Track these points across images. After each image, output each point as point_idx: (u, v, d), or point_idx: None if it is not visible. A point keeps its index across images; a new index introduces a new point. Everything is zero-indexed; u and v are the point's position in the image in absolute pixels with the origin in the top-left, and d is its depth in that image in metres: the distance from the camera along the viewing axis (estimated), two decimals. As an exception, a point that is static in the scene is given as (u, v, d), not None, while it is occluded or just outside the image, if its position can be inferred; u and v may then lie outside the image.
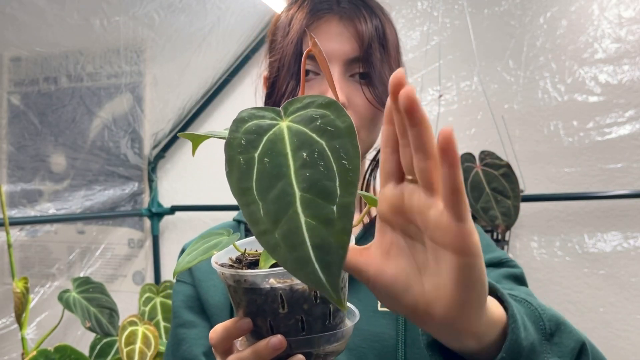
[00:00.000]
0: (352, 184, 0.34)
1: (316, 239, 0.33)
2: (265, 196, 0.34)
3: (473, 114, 1.66)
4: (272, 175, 0.35)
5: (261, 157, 0.36)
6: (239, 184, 0.35)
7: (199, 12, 1.65)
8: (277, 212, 0.34)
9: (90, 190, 1.76)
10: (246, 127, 0.37)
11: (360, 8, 0.72)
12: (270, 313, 0.43)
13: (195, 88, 1.88)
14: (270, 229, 0.33)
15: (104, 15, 1.50)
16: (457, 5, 1.68)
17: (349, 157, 0.35)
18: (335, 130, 0.36)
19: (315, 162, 0.35)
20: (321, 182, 0.34)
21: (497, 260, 0.70)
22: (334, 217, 0.33)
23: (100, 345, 1.35)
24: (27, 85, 1.68)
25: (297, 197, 0.34)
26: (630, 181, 1.51)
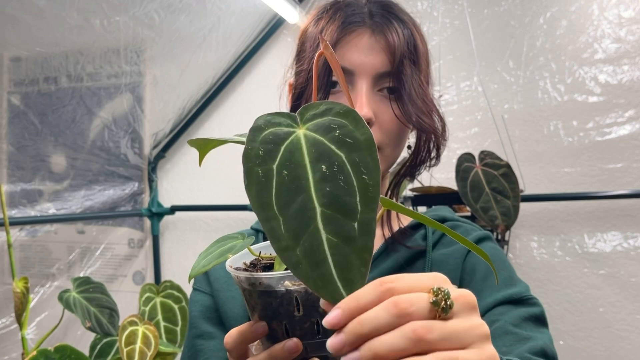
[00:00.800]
0: (373, 200, 0.34)
1: (338, 257, 0.33)
2: (286, 211, 0.34)
3: (473, 114, 1.66)
4: (292, 189, 0.34)
5: (279, 169, 0.35)
6: (259, 198, 0.35)
7: (199, 12, 1.65)
8: (298, 228, 0.33)
9: (90, 190, 1.76)
10: (263, 137, 0.37)
11: (393, 22, 0.70)
12: (286, 316, 0.43)
13: (195, 88, 1.88)
14: (291, 245, 0.33)
15: (104, 15, 1.50)
16: (457, 5, 1.68)
17: (369, 171, 0.35)
18: (354, 142, 0.36)
19: (335, 176, 0.35)
20: (342, 198, 0.34)
21: (518, 297, 0.68)
22: (355, 234, 0.33)
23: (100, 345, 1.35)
24: (27, 85, 1.68)
25: (317, 212, 0.34)
26: (630, 181, 1.51)
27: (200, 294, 0.77)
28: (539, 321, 0.67)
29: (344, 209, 0.34)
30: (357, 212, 0.34)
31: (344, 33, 0.70)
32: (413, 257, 0.72)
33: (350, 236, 0.33)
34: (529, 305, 0.68)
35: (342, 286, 0.32)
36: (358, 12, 0.71)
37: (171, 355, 1.36)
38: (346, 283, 0.32)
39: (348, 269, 0.33)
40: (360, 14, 0.71)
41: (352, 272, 0.33)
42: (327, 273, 0.33)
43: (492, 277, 0.69)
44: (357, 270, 0.33)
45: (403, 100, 0.68)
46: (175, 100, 1.86)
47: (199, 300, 0.76)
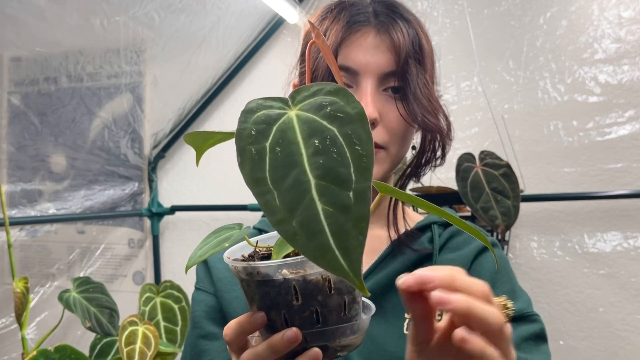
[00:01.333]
0: (367, 170, 0.34)
1: (334, 226, 0.33)
2: (280, 185, 0.34)
3: (473, 114, 1.66)
4: (285, 164, 0.35)
5: (272, 147, 0.36)
6: (252, 174, 0.35)
7: (199, 12, 1.65)
8: (292, 201, 0.34)
9: (90, 190, 1.76)
10: (255, 118, 0.37)
11: (398, 21, 0.70)
12: (284, 305, 0.43)
13: (195, 88, 1.88)
14: (287, 217, 0.33)
15: (104, 15, 1.50)
16: (457, 5, 1.68)
17: (362, 142, 0.35)
18: (346, 116, 0.36)
19: (328, 148, 0.35)
20: (335, 169, 0.34)
21: (519, 314, 0.68)
22: (350, 203, 0.33)
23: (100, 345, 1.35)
24: (27, 85, 1.68)
25: (312, 184, 0.34)
26: (630, 181, 1.51)
27: (203, 294, 0.76)
28: (539, 339, 0.67)
29: (339, 179, 0.34)
30: (351, 182, 0.34)
31: (349, 32, 0.70)
32: (420, 260, 0.72)
33: (346, 205, 0.33)
34: (530, 322, 0.68)
35: (340, 255, 0.32)
36: (363, 12, 0.71)
37: (171, 355, 1.36)
38: (344, 252, 0.32)
39: (345, 237, 0.33)
40: (365, 13, 0.71)
41: (350, 241, 0.33)
42: (325, 243, 0.33)
43: (496, 289, 0.69)
44: (354, 238, 0.33)
45: (408, 100, 0.68)
46: (175, 100, 1.86)
47: (202, 300, 0.75)
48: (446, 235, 0.75)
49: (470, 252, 0.72)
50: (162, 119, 1.87)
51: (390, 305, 0.69)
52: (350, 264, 0.32)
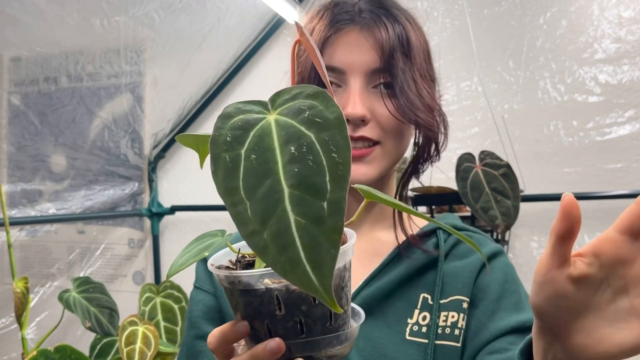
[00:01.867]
0: (342, 179, 0.33)
1: (306, 239, 0.31)
2: (253, 195, 0.33)
3: (473, 114, 1.66)
4: (259, 173, 0.34)
5: (248, 154, 0.34)
6: (225, 184, 0.34)
7: (199, 12, 1.65)
8: (265, 211, 0.32)
9: (90, 190, 1.76)
10: (232, 123, 0.36)
11: (382, 17, 0.69)
12: (267, 315, 0.41)
13: (195, 88, 1.88)
14: (258, 229, 0.32)
15: (104, 15, 1.50)
16: (457, 5, 1.68)
17: (339, 149, 0.34)
18: (323, 121, 0.35)
19: (304, 156, 0.34)
20: (310, 178, 0.33)
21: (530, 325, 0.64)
22: (324, 214, 0.32)
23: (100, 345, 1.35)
24: (27, 85, 1.68)
25: (285, 194, 0.33)
26: (630, 181, 1.51)
27: (202, 293, 0.75)
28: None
29: (313, 189, 0.33)
30: (326, 192, 0.32)
31: (332, 31, 0.69)
32: (424, 266, 0.71)
33: (320, 216, 0.32)
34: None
35: (310, 269, 0.31)
36: (347, 10, 0.71)
37: (171, 355, 1.36)
38: (315, 265, 0.31)
39: (317, 251, 0.31)
40: (349, 12, 0.71)
41: (321, 254, 0.31)
42: (295, 256, 0.31)
43: (505, 300, 0.68)
44: (326, 252, 0.31)
45: (396, 96, 0.67)
46: (175, 100, 1.86)
47: (201, 299, 0.75)
48: (451, 241, 0.74)
49: (478, 261, 0.71)
50: (162, 119, 1.87)
51: (393, 310, 0.68)
52: (321, 279, 0.31)
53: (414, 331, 0.67)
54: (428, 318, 0.67)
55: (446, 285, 0.69)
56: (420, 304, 0.69)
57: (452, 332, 0.67)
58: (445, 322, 0.67)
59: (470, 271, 0.70)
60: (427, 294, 0.69)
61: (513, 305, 0.68)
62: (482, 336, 0.66)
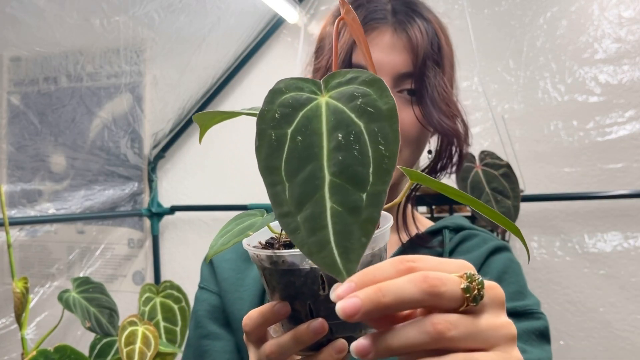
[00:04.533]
0: (387, 172, 0.32)
1: (339, 225, 0.31)
2: (293, 178, 0.33)
3: (473, 114, 1.66)
4: (303, 156, 0.33)
5: (294, 135, 0.34)
6: (267, 162, 0.33)
7: (199, 12, 1.65)
8: (302, 195, 0.32)
9: (90, 190, 1.76)
10: (282, 100, 0.35)
11: (417, 19, 0.68)
12: (310, 295, 0.41)
13: (195, 88, 1.88)
14: (293, 211, 0.32)
15: (104, 15, 1.50)
16: (457, 5, 1.68)
17: (387, 142, 0.33)
18: (375, 111, 0.34)
19: (350, 145, 0.33)
20: (353, 168, 0.32)
21: (522, 310, 0.66)
22: (361, 205, 0.31)
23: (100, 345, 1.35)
24: (27, 85, 1.68)
25: (326, 181, 0.32)
26: (630, 181, 1.51)
27: (207, 293, 0.75)
28: (541, 336, 0.65)
29: (354, 179, 0.32)
30: (367, 183, 0.32)
31: (365, 30, 0.67)
32: None
33: (357, 207, 0.31)
34: (533, 319, 0.66)
35: (337, 253, 0.30)
36: (380, 9, 0.69)
37: (171, 355, 1.36)
38: (343, 250, 0.30)
39: (347, 237, 0.31)
40: (383, 10, 0.69)
41: (351, 241, 0.31)
42: (325, 239, 0.31)
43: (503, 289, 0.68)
44: (357, 239, 0.31)
45: (425, 103, 0.66)
46: (175, 100, 1.86)
47: (205, 299, 0.75)
48: (457, 239, 0.73)
49: (481, 255, 0.71)
50: (162, 119, 1.87)
51: None
52: (346, 264, 0.30)
53: None
54: None
55: None
56: None
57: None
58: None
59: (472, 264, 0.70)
60: None
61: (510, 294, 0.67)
62: None
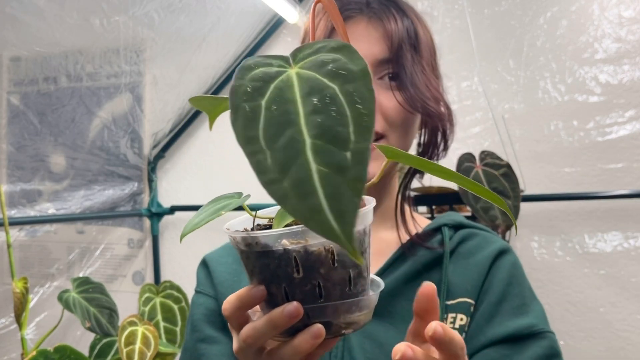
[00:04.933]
0: (367, 129, 0.32)
1: (329, 188, 0.31)
2: (273, 144, 0.32)
3: (473, 114, 1.66)
4: (280, 123, 0.33)
5: (268, 105, 0.34)
6: (245, 132, 0.33)
7: (199, 12, 1.65)
8: (285, 160, 0.32)
9: (89, 190, 1.75)
10: (252, 75, 0.35)
11: (391, 9, 0.69)
12: (285, 278, 0.40)
13: (195, 88, 1.88)
14: (278, 177, 0.31)
15: (104, 15, 1.50)
16: (457, 5, 1.68)
17: (364, 100, 0.33)
18: (348, 73, 0.34)
19: (327, 107, 0.33)
20: (334, 128, 0.32)
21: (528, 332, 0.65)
22: (347, 164, 0.31)
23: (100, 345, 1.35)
24: (27, 85, 1.67)
25: (307, 144, 0.32)
26: (631, 181, 1.51)
27: (203, 297, 0.75)
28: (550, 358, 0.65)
29: (336, 139, 0.32)
30: (350, 142, 0.31)
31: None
32: (430, 264, 0.70)
33: (343, 166, 0.31)
34: (539, 339, 0.65)
35: (332, 218, 0.30)
36: (355, 1, 0.70)
37: (171, 355, 1.36)
38: (338, 214, 0.30)
39: (339, 199, 0.30)
40: (357, 2, 0.70)
41: (344, 203, 0.30)
42: (317, 204, 0.30)
43: (505, 303, 0.67)
44: (349, 200, 0.30)
45: (405, 86, 0.66)
46: (175, 100, 1.86)
47: (202, 303, 0.74)
48: (457, 239, 0.73)
49: (486, 260, 0.70)
50: (162, 118, 1.87)
51: (399, 309, 0.67)
52: (343, 227, 0.30)
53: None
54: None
55: (454, 286, 0.68)
56: None
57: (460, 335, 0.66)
58: (453, 324, 0.66)
59: (479, 273, 0.69)
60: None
61: (513, 310, 0.67)
62: (478, 340, 0.65)
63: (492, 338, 0.64)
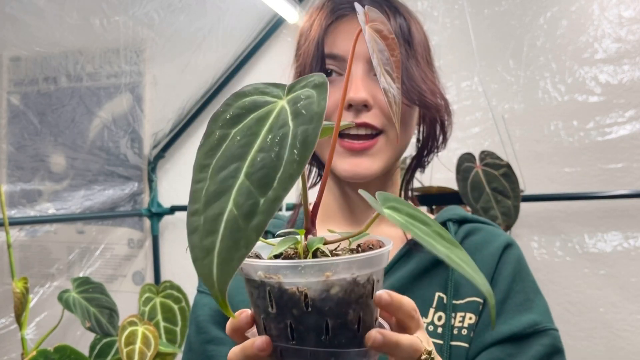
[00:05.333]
0: (290, 178, 0.31)
1: (228, 231, 0.30)
2: (216, 176, 0.32)
3: (473, 114, 1.66)
4: (233, 155, 0.33)
5: (235, 134, 0.34)
6: (202, 160, 0.33)
7: (199, 12, 1.64)
8: (214, 194, 0.32)
9: (90, 190, 1.75)
10: (240, 102, 0.36)
11: (384, 7, 0.70)
12: (263, 310, 0.40)
13: (195, 88, 1.88)
14: (200, 210, 0.31)
15: (104, 15, 1.50)
16: (457, 5, 1.68)
17: (304, 146, 0.32)
18: (307, 114, 0.34)
19: (273, 146, 0.33)
20: (264, 170, 0.32)
21: (531, 330, 0.65)
22: (257, 210, 0.31)
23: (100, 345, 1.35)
24: (27, 85, 1.67)
25: (238, 181, 0.32)
26: (631, 181, 1.51)
27: (207, 297, 0.74)
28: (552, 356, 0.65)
29: (262, 182, 0.31)
30: (270, 188, 0.31)
31: (333, 19, 0.69)
32: (436, 260, 0.70)
33: (252, 211, 0.31)
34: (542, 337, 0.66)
35: (216, 263, 0.30)
36: (347, 0, 0.71)
37: (171, 355, 1.36)
38: (222, 261, 0.30)
39: (230, 247, 0.30)
40: (350, 2, 0.71)
41: (232, 252, 0.30)
42: (211, 246, 0.30)
43: (510, 300, 0.67)
44: (236, 250, 0.30)
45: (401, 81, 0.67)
46: (175, 100, 1.86)
47: (206, 303, 0.74)
48: (462, 233, 0.73)
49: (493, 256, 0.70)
50: (162, 119, 1.87)
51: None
52: (221, 276, 0.29)
53: (429, 331, 0.65)
54: (444, 318, 0.66)
55: (463, 286, 0.68)
56: (436, 303, 0.68)
57: (469, 334, 0.66)
58: (462, 322, 0.66)
59: (486, 271, 0.69)
60: (442, 293, 0.68)
61: (517, 306, 0.67)
62: (484, 338, 0.65)
63: (497, 337, 0.64)
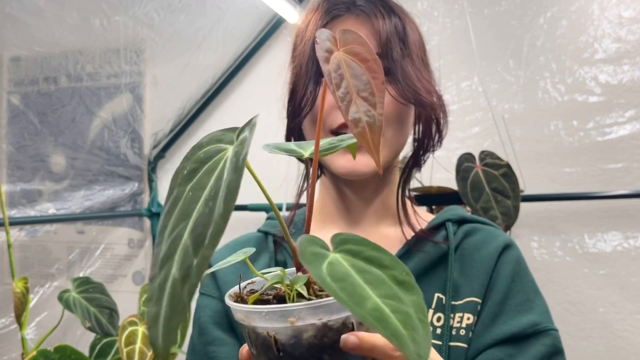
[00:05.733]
0: (217, 235, 0.29)
1: (170, 298, 0.29)
2: (169, 236, 0.31)
3: (473, 114, 1.66)
4: (185, 213, 0.31)
5: (190, 189, 0.33)
6: (163, 221, 0.32)
7: (199, 12, 1.65)
8: (166, 257, 0.30)
9: (90, 190, 1.75)
10: (197, 155, 0.35)
11: (378, 7, 0.70)
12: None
13: (195, 88, 1.88)
14: (155, 276, 0.30)
15: (104, 15, 1.50)
16: (457, 5, 1.68)
17: (226, 196, 0.30)
18: (234, 162, 0.32)
19: (209, 200, 0.31)
20: (200, 227, 0.30)
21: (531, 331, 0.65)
22: (190, 273, 0.29)
23: (100, 345, 1.35)
24: (27, 85, 1.67)
25: (182, 241, 0.30)
26: (631, 181, 1.51)
27: (208, 299, 0.75)
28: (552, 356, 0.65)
29: (197, 240, 0.30)
30: (202, 247, 0.29)
31: (327, 19, 0.70)
32: (436, 261, 0.70)
33: (187, 274, 0.29)
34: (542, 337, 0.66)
35: (162, 332, 0.28)
36: (343, 1, 0.72)
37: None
38: (166, 330, 0.28)
39: (171, 314, 0.29)
40: (345, 2, 0.71)
41: (172, 320, 0.28)
42: (158, 314, 0.29)
43: (509, 301, 0.67)
44: (174, 317, 0.29)
45: (397, 79, 0.67)
46: (175, 100, 1.86)
47: (207, 305, 0.74)
48: (461, 234, 0.73)
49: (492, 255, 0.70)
50: (162, 119, 1.87)
51: None
52: (164, 343, 0.28)
53: None
54: (443, 319, 0.67)
55: (462, 286, 0.68)
56: (435, 304, 0.68)
57: (467, 334, 0.66)
58: (460, 323, 0.66)
59: (485, 272, 0.69)
60: (441, 294, 0.68)
61: (517, 307, 0.67)
62: (484, 339, 0.65)
63: (497, 337, 0.65)
